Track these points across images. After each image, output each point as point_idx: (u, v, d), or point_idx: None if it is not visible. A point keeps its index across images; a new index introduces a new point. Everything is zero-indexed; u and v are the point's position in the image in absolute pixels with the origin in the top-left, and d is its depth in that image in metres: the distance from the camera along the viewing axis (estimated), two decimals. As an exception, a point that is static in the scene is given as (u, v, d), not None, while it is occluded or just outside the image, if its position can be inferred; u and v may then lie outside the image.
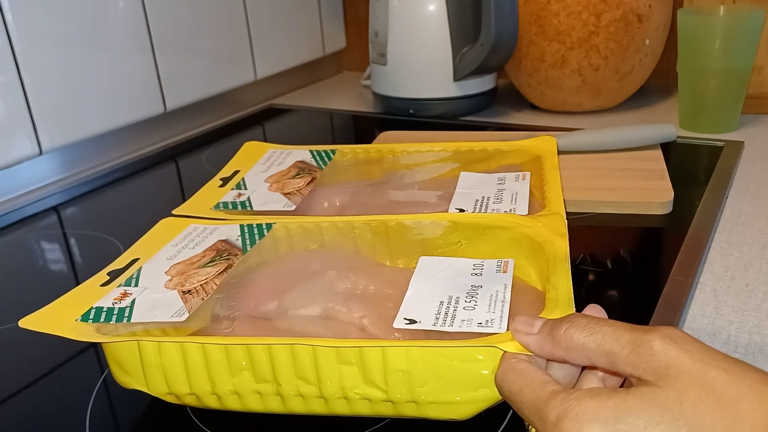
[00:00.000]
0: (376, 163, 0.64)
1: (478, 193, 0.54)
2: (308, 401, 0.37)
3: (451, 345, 0.34)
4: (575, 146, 0.74)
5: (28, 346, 0.49)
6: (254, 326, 0.40)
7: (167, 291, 0.42)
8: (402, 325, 0.37)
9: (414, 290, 0.40)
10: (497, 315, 0.36)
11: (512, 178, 0.56)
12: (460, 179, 0.57)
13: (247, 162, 0.64)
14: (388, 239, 0.48)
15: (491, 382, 0.34)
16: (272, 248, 0.48)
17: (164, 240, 0.49)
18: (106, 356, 0.39)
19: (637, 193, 0.64)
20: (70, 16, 0.78)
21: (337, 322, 0.39)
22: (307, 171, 0.61)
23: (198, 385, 0.38)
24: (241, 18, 1.01)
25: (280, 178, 0.60)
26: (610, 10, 0.84)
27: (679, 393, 0.26)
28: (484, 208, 0.51)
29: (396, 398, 0.35)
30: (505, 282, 0.39)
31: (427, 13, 0.90)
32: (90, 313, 0.40)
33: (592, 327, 0.30)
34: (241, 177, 0.61)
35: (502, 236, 0.46)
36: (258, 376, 0.37)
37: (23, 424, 0.41)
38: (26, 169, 0.78)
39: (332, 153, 0.64)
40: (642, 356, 0.27)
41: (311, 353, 0.35)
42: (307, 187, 0.57)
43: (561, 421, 0.27)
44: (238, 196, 0.57)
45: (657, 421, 0.26)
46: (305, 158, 0.63)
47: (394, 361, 0.34)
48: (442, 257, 0.44)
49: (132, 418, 0.42)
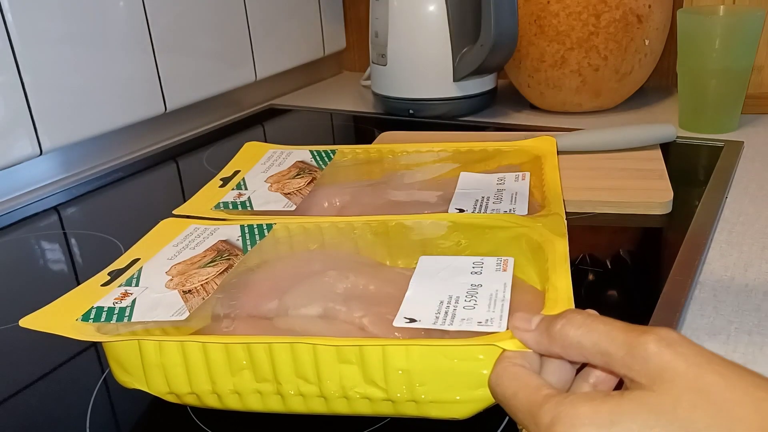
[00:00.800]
0: (376, 163, 0.64)
1: (477, 194, 0.54)
2: (308, 400, 0.37)
3: (451, 344, 0.34)
4: (575, 146, 0.74)
5: (28, 346, 0.49)
6: (255, 326, 0.41)
7: (168, 291, 0.42)
8: (402, 324, 0.37)
9: (414, 289, 0.40)
10: (497, 314, 0.36)
11: (512, 178, 0.56)
12: (460, 179, 0.57)
13: (248, 162, 0.64)
14: (389, 240, 0.48)
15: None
16: (273, 248, 0.48)
17: (165, 240, 0.49)
18: (107, 356, 0.39)
19: (637, 193, 0.64)
20: (70, 16, 0.78)
21: (337, 321, 0.39)
22: (308, 171, 0.61)
23: (198, 385, 0.38)
24: (241, 18, 1.01)
25: (281, 179, 0.60)
26: (609, 11, 0.84)
27: (673, 398, 0.26)
28: (483, 209, 0.51)
29: (396, 397, 0.36)
30: (505, 281, 0.39)
31: (427, 14, 0.90)
32: (90, 312, 0.40)
33: (588, 325, 0.30)
34: (242, 177, 0.61)
35: (502, 236, 0.46)
36: (258, 375, 0.37)
37: (23, 424, 0.41)
38: (26, 169, 0.78)
39: (332, 153, 0.64)
40: (637, 359, 0.27)
41: (311, 352, 0.35)
42: (308, 187, 0.57)
43: (555, 425, 0.27)
44: (238, 196, 0.57)
45: (651, 425, 0.26)
46: (305, 158, 0.63)
47: (394, 359, 0.34)
48: (442, 256, 0.44)
49: (132, 418, 0.42)
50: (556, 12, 0.85)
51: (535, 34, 0.87)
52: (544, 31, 0.86)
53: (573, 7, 0.84)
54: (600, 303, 0.51)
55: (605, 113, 0.93)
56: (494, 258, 0.42)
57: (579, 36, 0.85)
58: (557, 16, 0.85)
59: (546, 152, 0.59)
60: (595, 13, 0.84)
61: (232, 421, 0.40)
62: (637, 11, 0.84)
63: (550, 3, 0.85)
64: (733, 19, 0.78)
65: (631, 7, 0.84)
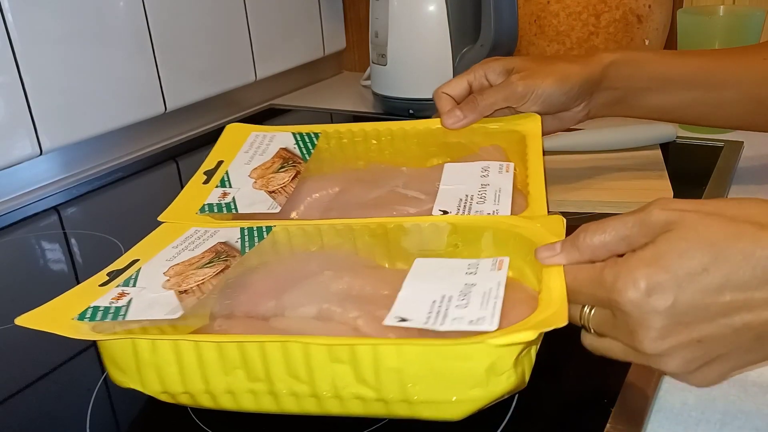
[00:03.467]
0: (360, 146, 0.63)
1: (461, 191, 0.53)
2: (301, 400, 0.37)
3: (442, 343, 0.34)
4: (575, 146, 0.74)
5: (28, 346, 0.49)
6: (251, 326, 0.41)
7: (164, 291, 0.43)
8: (393, 323, 0.37)
9: (408, 290, 0.40)
10: (489, 312, 0.36)
11: (496, 169, 0.55)
12: (444, 173, 0.56)
13: (231, 149, 0.62)
14: (387, 242, 0.48)
15: (483, 381, 0.34)
16: (271, 250, 0.48)
17: (165, 242, 0.49)
18: (102, 355, 0.39)
19: (637, 193, 0.64)
20: (70, 16, 0.78)
21: (332, 322, 0.39)
22: (291, 162, 0.60)
23: (192, 384, 0.38)
24: (241, 18, 1.01)
25: (264, 173, 0.59)
26: (609, 11, 0.84)
27: (690, 227, 0.34)
28: (467, 209, 0.51)
29: (388, 397, 0.35)
30: (499, 280, 0.39)
31: (427, 14, 0.90)
32: (87, 312, 0.40)
33: (603, 226, 0.37)
34: (225, 170, 0.59)
35: (499, 238, 0.46)
36: (251, 375, 0.37)
37: (23, 424, 0.41)
38: (26, 169, 0.78)
39: (316, 138, 0.63)
40: (649, 225, 0.35)
41: (303, 351, 0.35)
42: (292, 183, 0.57)
43: (617, 280, 0.34)
44: (223, 196, 0.56)
45: (684, 247, 0.33)
46: (288, 145, 0.62)
47: (385, 358, 0.34)
48: (438, 258, 0.44)
49: (132, 418, 0.42)
50: (556, 12, 0.85)
51: (535, 34, 0.87)
52: (544, 31, 0.86)
53: (573, 7, 0.84)
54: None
55: (605, 113, 0.93)
56: (490, 258, 0.42)
57: (579, 36, 0.85)
58: (557, 16, 0.85)
59: (530, 133, 0.58)
60: (595, 13, 0.84)
61: (233, 422, 0.40)
62: (637, 11, 0.84)
63: (550, 3, 0.85)
64: (733, 19, 0.78)
65: (631, 7, 0.84)
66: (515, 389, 0.36)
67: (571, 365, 0.44)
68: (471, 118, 0.60)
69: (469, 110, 0.60)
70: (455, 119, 0.60)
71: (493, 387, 0.35)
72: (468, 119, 0.60)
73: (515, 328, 0.34)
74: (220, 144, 0.64)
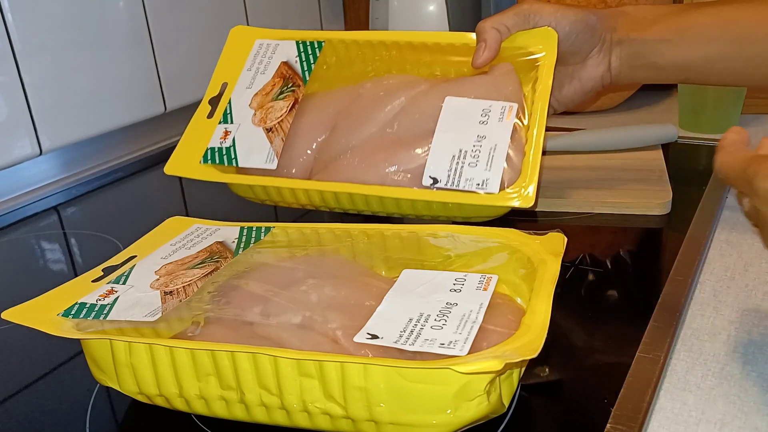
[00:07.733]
0: (365, 60, 0.63)
1: (455, 144, 0.53)
2: (271, 412, 0.37)
3: (408, 365, 0.33)
4: (575, 146, 0.74)
5: (28, 346, 0.49)
6: (236, 331, 0.40)
7: (150, 291, 0.43)
8: (363, 340, 0.36)
9: (386, 305, 0.39)
10: (462, 337, 0.35)
11: (497, 115, 0.54)
12: (443, 109, 0.55)
13: (235, 64, 0.63)
14: (384, 249, 0.48)
15: (452, 406, 0.33)
16: (264, 253, 0.48)
17: (165, 239, 0.49)
18: (84, 353, 0.40)
19: (637, 194, 0.64)
20: (70, 17, 0.78)
21: (312, 332, 0.39)
22: (291, 85, 0.60)
23: (166, 387, 0.38)
24: (241, 18, 1.01)
25: (264, 101, 0.60)
26: (610, 11, 0.83)
27: None
28: (458, 176, 0.52)
29: (355, 416, 0.35)
30: (482, 301, 0.38)
31: (427, 14, 0.90)
32: (72, 308, 0.41)
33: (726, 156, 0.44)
34: (228, 99, 0.61)
35: (496, 252, 0.45)
36: (223, 383, 0.37)
37: (23, 424, 0.41)
38: (26, 169, 0.78)
39: (319, 48, 0.62)
40: None
41: (273, 363, 0.35)
42: (289, 117, 0.58)
43: (756, 175, 0.39)
44: (224, 136, 0.57)
45: None
46: (290, 58, 0.62)
47: (352, 377, 0.34)
48: (426, 270, 0.43)
49: (132, 418, 0.42)
50: (556, 12, 0.84)
51: (535, 34, 0.87)
52: (544, 31, 0.86)
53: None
54: (600, 303, 0.51)
55: (605, 113, 0.93)
56: (478, 275, 0.41)
57: (579, 36, 0.85)
58: (557, 16, 0.85)
59: (543, 60, 0.57)
60: (595, 13, 0.84)
61: (233, 423, 0.40)
62: (637, 11, 0.84)
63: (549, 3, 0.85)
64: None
65: (631, 7, 0.84)
66: (490, 414, 0.35)
67: (571, 365, 0.44)
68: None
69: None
70: (483, 61, 0.58)
71: (463, 412, 0.34)
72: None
73: (483, 355, 0.33)
74: (225, 54, 0.64)
